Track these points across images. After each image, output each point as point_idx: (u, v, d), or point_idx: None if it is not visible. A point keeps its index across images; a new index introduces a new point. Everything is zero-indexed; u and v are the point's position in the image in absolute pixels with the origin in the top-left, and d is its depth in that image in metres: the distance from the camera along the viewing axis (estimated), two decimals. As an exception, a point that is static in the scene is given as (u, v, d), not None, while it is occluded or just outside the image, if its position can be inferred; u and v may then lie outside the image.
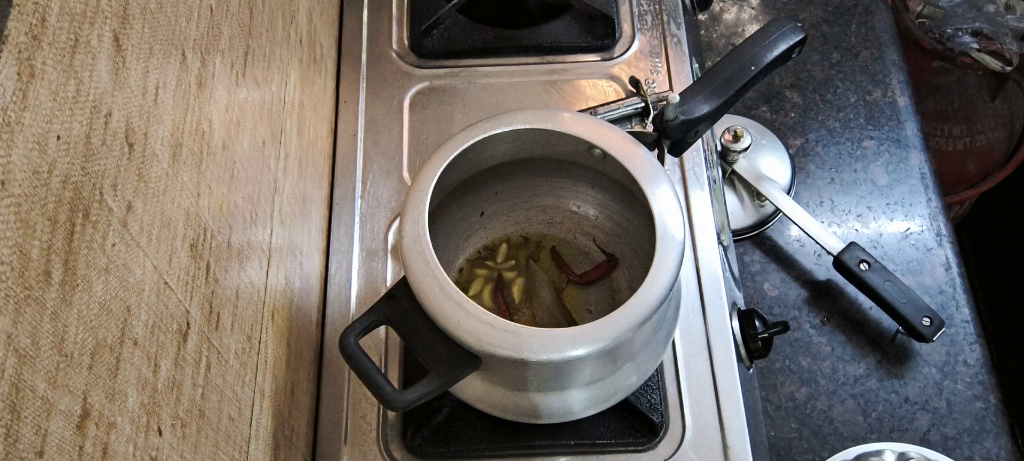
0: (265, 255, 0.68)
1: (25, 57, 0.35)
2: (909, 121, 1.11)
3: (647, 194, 0.68)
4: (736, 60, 0.81)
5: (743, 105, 1.11)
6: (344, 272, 0.86)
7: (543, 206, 0.84)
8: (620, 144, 0.71)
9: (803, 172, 1.07)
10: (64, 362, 0.37)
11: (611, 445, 0.76)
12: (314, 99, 0.87)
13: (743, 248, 1.02)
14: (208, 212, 0.56)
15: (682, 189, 0.90)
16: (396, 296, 0.66)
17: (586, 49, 1.00)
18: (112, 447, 0.41)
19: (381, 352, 0.81)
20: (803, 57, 1.14)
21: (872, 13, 1.20)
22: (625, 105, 0.93)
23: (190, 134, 0.53)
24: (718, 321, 0.82)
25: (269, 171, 0.70)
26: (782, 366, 0.94)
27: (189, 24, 0.54)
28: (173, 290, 0.49)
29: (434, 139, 0.93)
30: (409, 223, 0.66)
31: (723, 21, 1.20)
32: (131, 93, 0.45)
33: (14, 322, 0.34)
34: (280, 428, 0.69)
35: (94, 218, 0.41)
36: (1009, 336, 1.64)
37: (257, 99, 0.67)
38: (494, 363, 0.64)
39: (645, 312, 0.63)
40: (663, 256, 0.65)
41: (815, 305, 0.98)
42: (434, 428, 0.77)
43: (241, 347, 0.61)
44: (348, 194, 0.90)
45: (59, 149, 0.38)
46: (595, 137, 0.72)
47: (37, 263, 0.36)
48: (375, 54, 1.00)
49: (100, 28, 0.42)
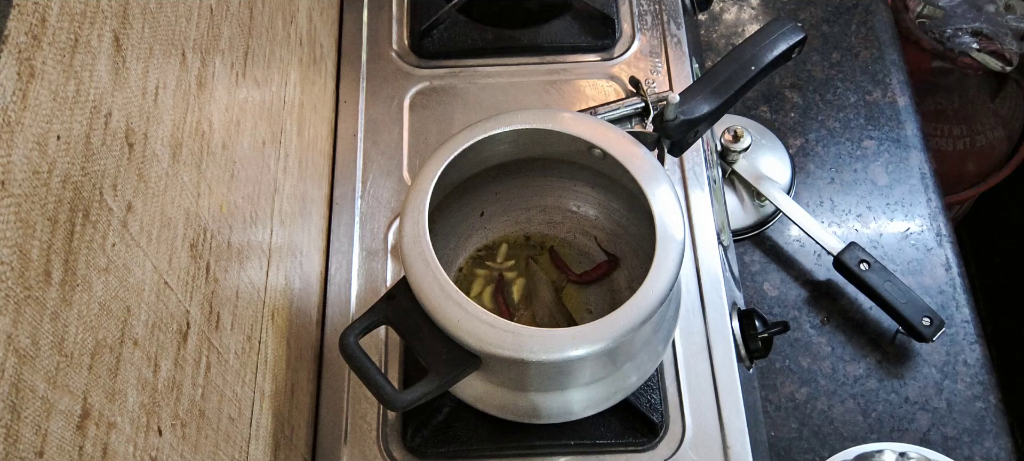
0: (265, 255, 0.68)
1: (25, 57, 0.35)
2: (909, 121, 1.11)
3: (647, 194, 0.68)
4: (736, 60, 0.81)
5: (743, 105, 1.11)
6: (344, 272, 0.86)
7: (543, 206, 0.84)
8: (620, 144, 0.71)
9: (803, 172, 1.07)
10: (64, 362, 0.37)
11: (611, 445, 0.76)
12: (314, 99, 0.87)
13: (743, 248, 1.02)
14: (208, 212, 0.56)
15: (682, 189, 0.90)
16: (396, 296, 0.66)
17: (586, 49, 1.00)
18: (112, 447, 0.41)
19: (381, 352, 0.81)
20: (803, 57, 1.14)
21: (872, 13, 1.20)
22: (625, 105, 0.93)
23: (190, 134, 0.53)
24: (718, 321, 0.82)
25: (269, 171, 0.70)
26: (782, 366, 0.94)
27: (189, 24, 0.54)
28: (173, 290, 0.49)
29: (434, 139, 0.93)
30: (409, 223, 0.66)
31: (723, 21, 1.20)
32: (131, 93, 0.45)
33: (14, 322, 0.34)
34: (280, 428, 0.69)
35: (94, 218, 0.41)
36: (1009, 336, 1.64)
37: (257, 99, 0.67)
38: (494, 363, 0.64)
39: (645, 312, 0.63)
40: (663, 256, 0.65)
41: (815, 305, 0.98)
42: (434, 428, 0.77)
43: (241, 347, 0.61)
44: (348, 194, 0.90)
45: (59, 149, 0.38)
46: (595, 137, 0.72)
47: (37, 263, 0.36)
48: (375, 54, 1.00)
49: (100, 28, 0.42)
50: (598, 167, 0.75)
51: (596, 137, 0.72)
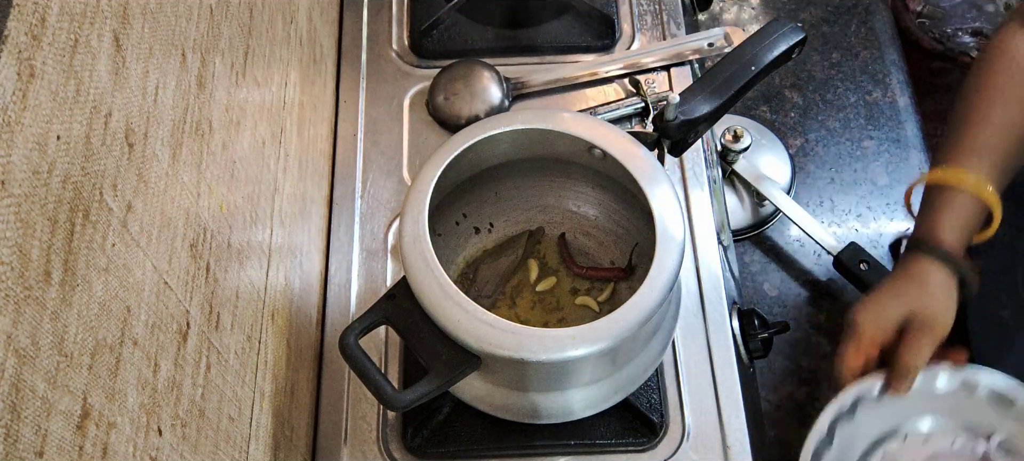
0: (265, 255, 0.68)
1: (25, 57, 0.35)
2: (909, 121, 1.11)
3: (647, 194, 0.68)
4: (736, 60, 0.81)
5: (743, 105, 1.11)
6: (344, 272, 0.86)
7: (543, 206, 0.84)
8: (620, 144, 0.71)
9: (803, 172, 1.07)
10: (64, 362, 0.37)
11: (611, 445, 0.76)
12: (314, 99, 0.87)
13: (743, 248, 1.02)
14: (208, 212, 0.56)
15: (682, 189, 0.90)
16: (396, 296, 0.66)
17: (586, 49, 1.00)
18: (112, 447, 0.41)
19: (381, 352, 0.81)
20: (803, 57, 1.14)
21: (872, 13, 1.20)
22: (625, 105, 0.93)
23: (190, 134, 0.53)
24: (718, 321, 0.82)
25: (269, 171, 0.70)
26: (782, 366, 0.94)
27: (189, 24, 0.54)
28: (173, 290, 0.49)
29: (434, 139, 0.93)
30: (409, 223, 0.66)
31: (723, 21, 1.20)
32: (131, 93, 0.45)
33: (14, 322, 0.34)
34: (280, 428, 0.69)
35: (94, 218, 0.41)
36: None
37: (257, 99, 0.67)
38: (494, 363, 0.64)
39: (645, 312, 0.63)
40: (663, 256, 0.65)
41: (815, 305, 0.98)
42: (434, 428, 0.77)
43: (241, 347, 0.61)
44: (348, 194, 0.90)
45: (59, 149, 0.38)
46: (595, 137, 0.72)
47: (37, 263, 0.36)
48: (375, 54, 1.00)
49: (100, 28, 0.42)
50: (598, 167, 0.75)
51: (596, 137, 0.72)
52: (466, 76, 0.95)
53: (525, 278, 0.83)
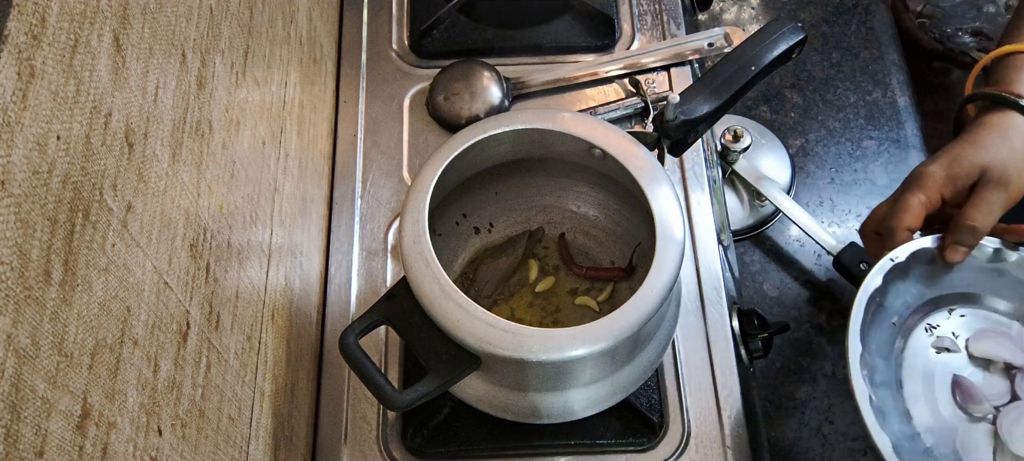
0: (265, 255, 0.68)
1: (25, 57, 0.35)
2: (909, 121, 1.11)
3: (647, 194, 0.68)
4: (736, 60, 0.81)
5: (743, 105, 1.11)
6: (344, 272, 0.86)
7: (543, 206, 0.84)
8: (620, 144, 0.71)
9: (803, 172, 1.07)
10: (64, 362, 0.37)
11: (611, 445, 0.76)
12: (314, 99, 0.87)
13: (743, 248, 1.01)
14: (208, 212, 0.56)
15: (682, 189, 0.90)
16: (396, 296, 0.66)
17: (586, 49, 1.00)
18: (112, 447, 0.41)
19: (381, 352, 0.81)
20: (803, 57, 1.14)
21: (872, 13, 1.20)
22: (625, 105, 0.93)
23: (190, 134, 0.53)
24: (718, 321, 0.82)
25: (269, 171, 0.70)
26: (782, 366, 0.94)
27: (189, 24, 0.54)
28: (173, 290, 0.49)
29: (434, 139, 0.93)
30: (409, 223, 0.66)
31: (723, 21, 1.20)
32: (131, 93, 0.45)
33: (14, 322, 0.34)
34: (280, 428, 0.69)
35: (94, 218, 0.41)
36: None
37: (257, 99, 0.67)
38: (494, 363, 0.64)
39: (645, 312, 0.63)
40: (663, 256, 0.65)
41: (815, 305, 0.98)
42: (434, 428, 0.77)
43: (241, 347, 0.61)
44: (348, 194, 0.90)
45: (59, 149, 0.38)
46: (595, 137, 0.72)
47: (37, 263, 0.36)
48: (375, 54, 1.00)
49: (100, 28, 0.42)
50: (598, 167, 0.75)
51: (596, 137, 0.72)
52: (466, 76, 0.95)
53: (525, 278, 0.83)
